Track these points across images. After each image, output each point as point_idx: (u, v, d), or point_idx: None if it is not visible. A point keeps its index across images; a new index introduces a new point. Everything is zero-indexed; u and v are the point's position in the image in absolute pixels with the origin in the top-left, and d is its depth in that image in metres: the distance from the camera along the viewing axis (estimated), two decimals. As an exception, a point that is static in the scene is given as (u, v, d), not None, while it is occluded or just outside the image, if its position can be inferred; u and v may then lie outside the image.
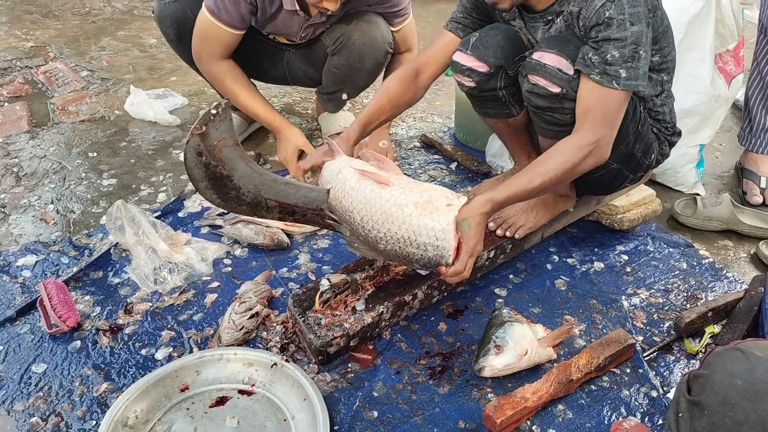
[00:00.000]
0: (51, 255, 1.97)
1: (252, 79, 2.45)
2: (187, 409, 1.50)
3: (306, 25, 2.21)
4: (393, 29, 2.32)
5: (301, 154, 2.29)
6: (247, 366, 1.57)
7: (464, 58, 1.78)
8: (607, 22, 1.52)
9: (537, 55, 1.63)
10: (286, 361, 1.55)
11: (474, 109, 1.98)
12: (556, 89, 1.61)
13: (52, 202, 2.24)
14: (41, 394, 1.54)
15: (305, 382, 1.50)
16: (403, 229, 1.48)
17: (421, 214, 1.48)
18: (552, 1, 1.66)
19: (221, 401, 1.52)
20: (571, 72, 1.58)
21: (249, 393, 1.54)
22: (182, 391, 1.53)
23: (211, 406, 1.51)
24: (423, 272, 1.69)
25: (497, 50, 1.74)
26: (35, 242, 2.03)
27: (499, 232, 1.92)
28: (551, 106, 1.65)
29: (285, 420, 1.48)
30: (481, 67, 1.76)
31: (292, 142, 2.29)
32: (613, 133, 1.61)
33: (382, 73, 2.44)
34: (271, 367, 1.55)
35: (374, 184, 1.54)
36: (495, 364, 1.56)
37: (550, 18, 1.69)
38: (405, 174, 1.72)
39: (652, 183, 2.32)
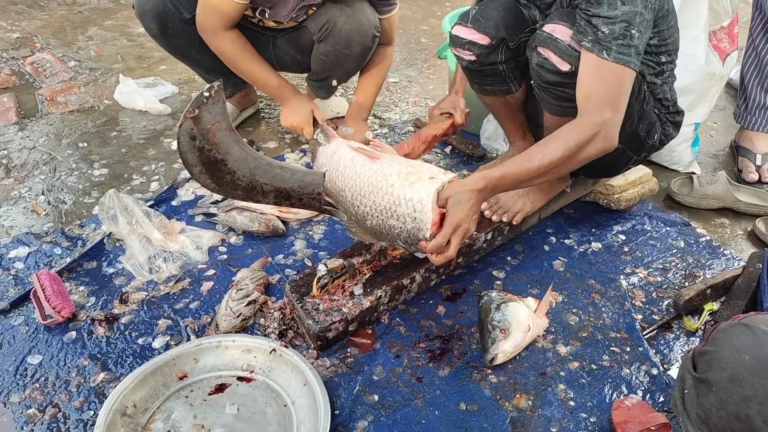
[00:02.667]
0: (43, 246, 1.94)
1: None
2: (186, 397, 1.49)
3: (300, 6, 2.18)
4: (379, 17, 2.29)
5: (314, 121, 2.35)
6: (245, 353, 1.56)
7: (464, 32, 1.75)
8: (597, 0, 1.49)
9: (549, 28, 1.59)
10: (285, 346, 1.54)
11: (471, 87, 1.95)
12: (565, 66, 1.57)
13: (42, 193, 2.21)
14: (38, 385, 1.52)
15: (305, 367, 1.49)
16: (386, 200, 1.46)
17: (402, 184, 1.45)
18: None
19: (220, 388, 1.51)
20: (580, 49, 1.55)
21: (248, 380, 1.53)
22: (181, 379, 1.51)
23: (210, 394, 1.50)
24: (420, 255, 1.65)
25: (498, 22, 1.71)
26: (27, 233, 2.00)
27: (494, 218, 1.91)
28: (561, 82, 1.61)
29: (285, 405, 1.47)
30: (482, 40, 1.73)
31: (306, 106, 2.33)
32: (619, 116, 1.53)
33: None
34: (270, 353, 1.54)
35: (366, 159, 1.53)
36: (506, 348, 1.55)
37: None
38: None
39: (648, 162, 2.31)
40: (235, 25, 2.20)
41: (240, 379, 1.53)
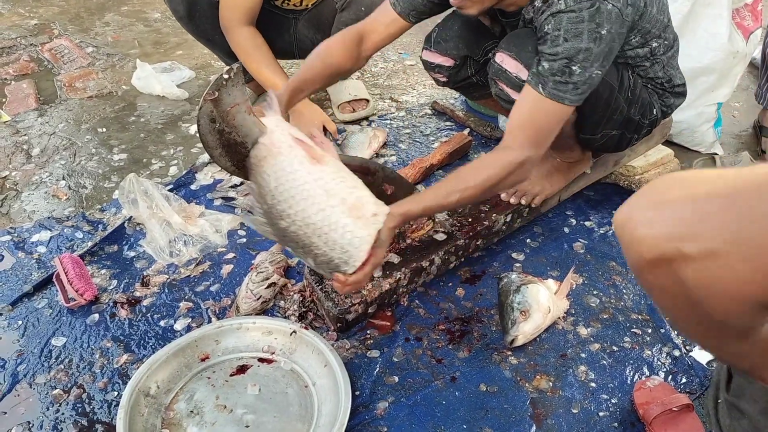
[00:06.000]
0: (65, 230, 1.96)
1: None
2: (208, 378, 1.50)
3: None
4: None
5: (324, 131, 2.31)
6: (266, 334, 1.57)
7: (430, 56, 1.76)
8: (543, 37, 1.46)
9: (499, 58, 1.59)
10: (305, 328, 1.55)
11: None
12: (517, 96, 1.56)
13: (63, 178, 2.23)
14: (62, 366, 1.54)
15: (325, 348, 1.50)
16: (320, 217, 1.32)
17: (345, 212, 1.33)
18: (520, 5, 1.58)
19: (242, 369, 1.52)
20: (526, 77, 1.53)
21: (269, 361, 1.54)
22: (203, 360, 1.53)
23: (231, 375, 1.51)
24: (317, 270, 1.46)
25: (457, 41, 1.71)
26: (49, 218, 2.02)
27: (513, 200, 1.89)
28: None
29: (306, 386, 1.48)
30: (447, 62, 1.75)
31: (317, 116, 2.29)
32: (540, 152, 1.51)
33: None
34: (291, 334, 1.55)
35: (306, 156, 1.34)
36: (526, 330, 1.55)
37: (522, 21, 1.63)
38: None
39: (670, 143, 2.28)
40: (255, 20, 2.21)
41: (261, 360, 1.54)
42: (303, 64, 1.68)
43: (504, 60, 1.58)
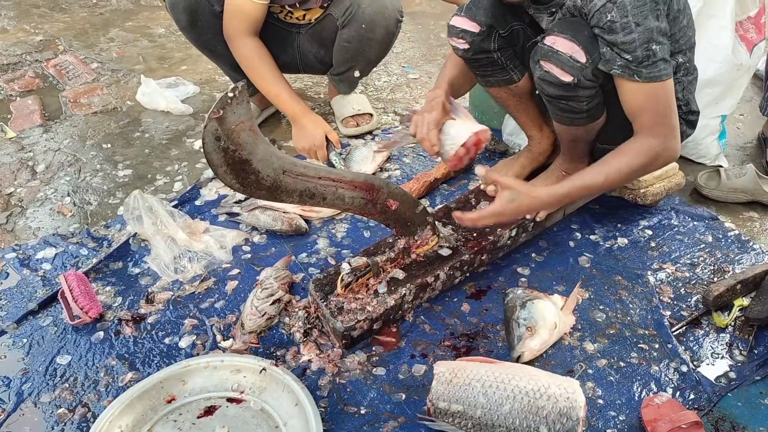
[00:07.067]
0: (70, 247, 1.96)
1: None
2: (175, 420, 1.44)
3: None
4: None
5: (327, 142, 2.31)
6: (234, 373, 1.51)
7: (458, 21, 1.79)
8: (609, 27, 1.46)
9: (549, 40, 1.57)
10: (275, 365, 1.50)
11: (478, 82, 1.96)
12: (567, 78, 1.55)
13: (68, 195, 2.23)
14: (67, 385, 1.54)
15: (296, 386, 1.44)
16: (533, 383, 1.39)
17: (544, 373, 1.44)
18: None
19: (209, 411, 1.46)
20: (583, 60, 1.53)
21: (238, 401, 1.48)
22: (169, 402, 1.47)
23: (199, 417, 1.45)
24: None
25: (488, 10, 1.74)
26: (54, 235, 2.02)
27: (518, 214, 1.89)
28: (564, 95, 1.61)
29: (277, 427, 1.42)
30: (473, 27, 1.76)
31: (319, 128, 2.28)
32: (676, 127, 1.59)
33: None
34: (260, 372, 1.50)
35: (483, 366, 1.45)
36: (532, 346, 1.54)
37: (553, 10, 1.64)
38: None
39: (674, 156, 2.28)
40: (259, 31, 2.22)
41: (230, 400, 1.48)
42: (446, 65, 1.92)
43: (556, 41, 1.56)
